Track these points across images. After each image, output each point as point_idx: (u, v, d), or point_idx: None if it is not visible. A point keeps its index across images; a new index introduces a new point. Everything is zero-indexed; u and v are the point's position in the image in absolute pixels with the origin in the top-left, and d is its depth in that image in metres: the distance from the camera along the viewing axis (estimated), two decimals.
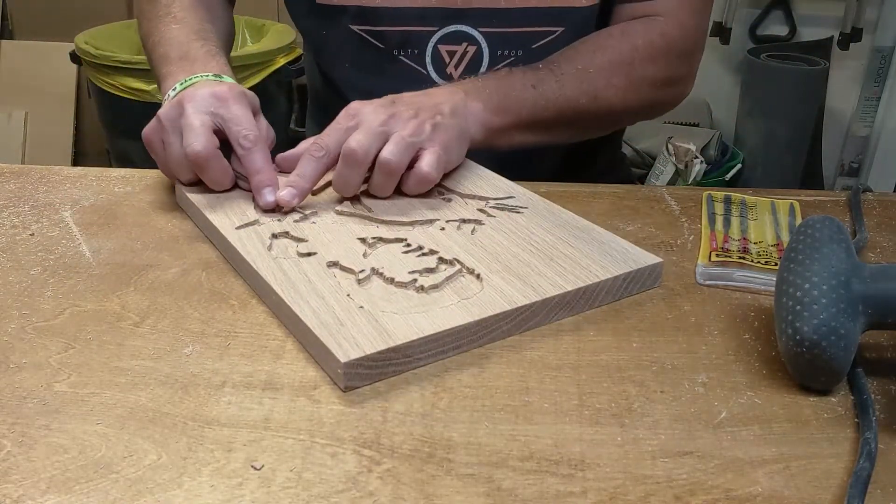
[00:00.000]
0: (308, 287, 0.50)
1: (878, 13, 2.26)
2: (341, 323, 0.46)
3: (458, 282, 0.51)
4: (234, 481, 0.37)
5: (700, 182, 2.14)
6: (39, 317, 0.50)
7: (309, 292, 0.49)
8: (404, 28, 0.78)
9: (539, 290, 0.50)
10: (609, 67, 0.75)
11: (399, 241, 0.56)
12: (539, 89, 0.73)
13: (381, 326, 0.46)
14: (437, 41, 0.78)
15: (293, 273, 0.51)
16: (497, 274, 0.52)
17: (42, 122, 2.41)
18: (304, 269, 0.52)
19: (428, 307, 0.48)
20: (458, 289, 0.50)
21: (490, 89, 0.71)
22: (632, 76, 0.76)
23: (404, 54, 0.79)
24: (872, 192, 0.73)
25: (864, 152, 2.42)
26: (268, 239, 0.56)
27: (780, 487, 0.38)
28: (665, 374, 0.46)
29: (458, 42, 0.78)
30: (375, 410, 0.42)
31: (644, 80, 0.77)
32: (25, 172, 0.72)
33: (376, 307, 0.48)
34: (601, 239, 0.57)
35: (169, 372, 0.45)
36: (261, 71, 1.92)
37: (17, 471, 0.38)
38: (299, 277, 0.51)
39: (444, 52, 0.79)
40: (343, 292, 0.49)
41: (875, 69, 2.32)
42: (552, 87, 0.73)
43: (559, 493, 0.37)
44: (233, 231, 0.57)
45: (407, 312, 0.47)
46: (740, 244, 0.61)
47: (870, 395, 0.44)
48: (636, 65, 0.76)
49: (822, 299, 0.43)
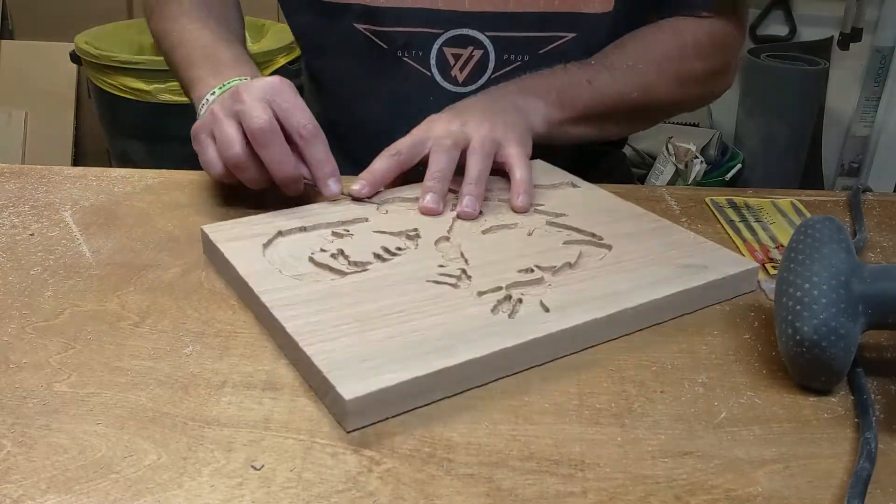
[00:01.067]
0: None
1: (878, 13, 2.26)
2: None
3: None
4: (234, 481, 0.37)
5: (700, 182, 2.14)
6: (39, 317, 0.50)
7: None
8: (409, 29, 0.78)
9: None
10: (659, 63, 0.77)
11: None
12: (594, 84, 0.74)
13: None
14: (443, 44, 0.78)
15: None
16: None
17: (42, 122, 2.41)
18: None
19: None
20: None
21: (547, 85, 0.73)
22: (681, 72, 0.79)
23: (408, 55, 0.79)
24: (872, 192, 0.73)
25: (864, 152, 2.42)
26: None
27: (780, 487, 0.38)
28: (665, 374, 0.46)
29: (464, 45, 0.78)
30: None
31: (691, 76, 0.80)
32: (25, 172, 0.72)
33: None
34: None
35: (169, 372, 0.45)
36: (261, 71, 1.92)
37: (17, 471, 0.38)
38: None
39: (450, 54, 0.79)
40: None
41: (875, 69, 2.32)
42: (606, 82, 0.75)
43: (559, 493, 0.37)
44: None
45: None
46: (780, 251, 0.61)
47: (870, 395, 0.44)
48: (685, 61, 0.79)
49: (822, 299, 0.43)
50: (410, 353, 0.43)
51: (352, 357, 0.43)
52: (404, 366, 0.42)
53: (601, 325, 0.48)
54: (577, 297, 0.50)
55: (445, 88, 0.79)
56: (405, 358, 0.43)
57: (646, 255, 0.55)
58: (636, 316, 0.50)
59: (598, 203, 0.64)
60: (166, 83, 1.85)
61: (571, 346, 0.48)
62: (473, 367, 0.44)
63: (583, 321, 0.47)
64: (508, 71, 0.79)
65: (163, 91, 1.86)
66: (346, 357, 0.43)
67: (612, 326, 0.49)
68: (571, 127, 0.75)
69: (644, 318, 0.50)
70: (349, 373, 0.42)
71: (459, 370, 0.43)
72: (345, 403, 0.40)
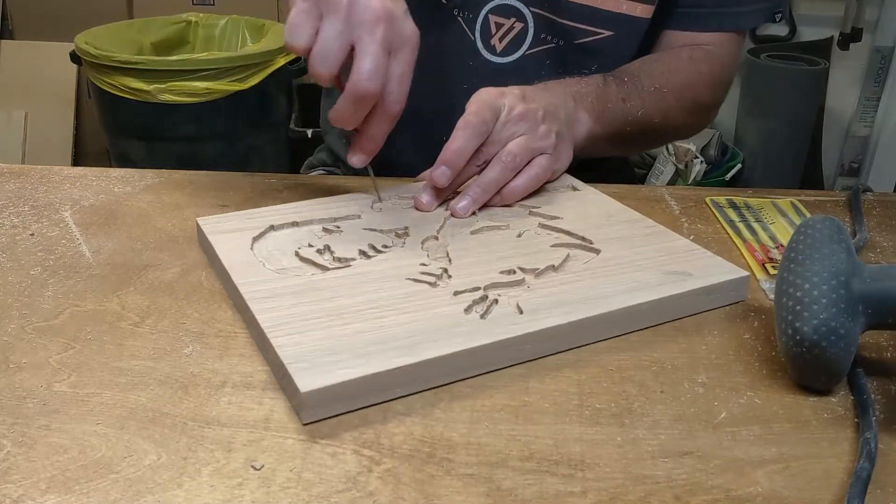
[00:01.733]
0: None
1: (878, 13, 2.26)
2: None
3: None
4: (234, 481, 0.37)
5: (700, 182, 2.14)
6: (39, 317, 0.50)
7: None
8: None
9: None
10: (679, 89, 0.79)
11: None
12: (628, 104, 0.76)
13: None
14: (490, 10, 0.79)
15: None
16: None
17: (42, 122, 2.41)
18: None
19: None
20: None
21: (592, 98, 0.74)
22: (695, 100, 0.81)
23: (461, 15, 0.80)
24: (872, 192, 0.73)
25: (864, 152, 2.42)
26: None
27: (780, 487, 0.38)
28: (665, 374, 0.46)
29: (508, 16, 0.79)
30: (375, 410, 0.42)
31: (700, 105, 0.83)
32: (25, 172, 0.72)
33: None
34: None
35: (169, 372, 0.45)
36: (261, 71, 1.92)
37: (17, 471, 0.38)
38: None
39: (493, 22, 0.80)
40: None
41: (875, 69, 2.32)
42: (637, 104, 0.76)
43: (559, 493, 0.37)
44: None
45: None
46: (780, 251, 0.61)
47: (870, 395, 0.44)
48: (699, 89, 0.81)
49: (822, 299, 0.43)
50: (374, 348, 0.44)
51: (317, 350, 0.43)
52: (366, 361, 0.43)
53: (576, 329, 0.48)
54: (552, 301, 0.49)
55: (483, 55, 0.81)
56: (368, 353, 0.43)
57: (633, 261, 0.55)
58: (613, 321, 0.49)
59: (595, 207, 0.64)
60: (166, 83, 1.85)
61: (541, 349, 0.47)
62: (435, 366, 0.44)
63: (553, 324, 0.47)
64: (542, 50, 0.80)
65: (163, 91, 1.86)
66: (311, 350, 0.43)
67: (584, 331, 0.48)
68: (604, 144, 0.76)
69: (619, 324, 0.50)
70: (310, 365, 0.42)
71: (420, 368, 0.43)
72: (300, 395, 0.40)
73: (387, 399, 0.43)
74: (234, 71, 1.87)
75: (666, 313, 0.51)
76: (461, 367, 0.45)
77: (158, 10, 2.29)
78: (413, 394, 0.44)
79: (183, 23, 2.24)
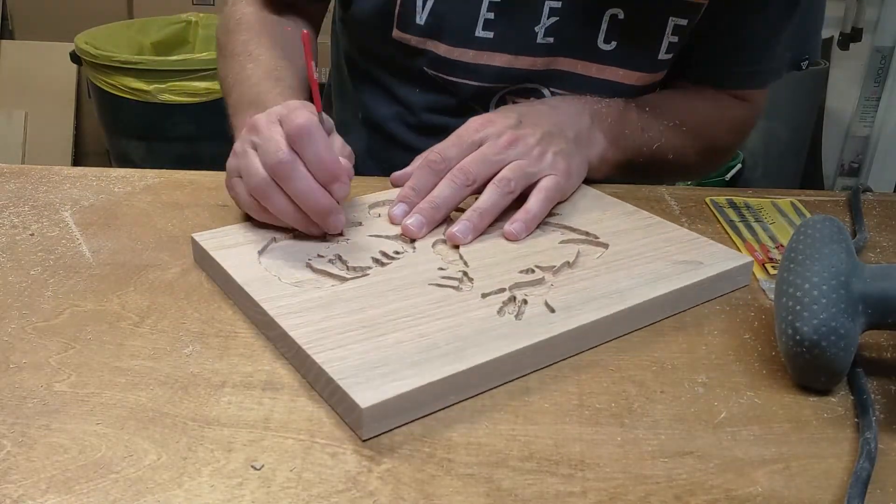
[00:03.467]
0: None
1: (878, 13, 2.26)
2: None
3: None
4: (234, 481, 0.37)
5: (700, 182, 2.13)
6: (39, 317, 0.50)
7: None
8: (481, 84, 0.76)
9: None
10: (697, 129, 0.78)
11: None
12: (646, 134, 0.75)
13: None
14: (508, 91, 0.77)
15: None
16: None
17: (42, 122, 2.41)
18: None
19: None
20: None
21: (612, 119, 0.72)
22: (710, 143, 0.80)
23: (472, 101, 0.78)
24: (872, 192, 0.73)
25: (864, 152, 2.42)
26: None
27: (780, 487, 0.38)
28: (665, 374, 0.46)
29: (527, 95, 0.77)
30: None
31: (716, 148, 0.82)
32: (25, 172, 0.72)
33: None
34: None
35: (169, 372, 0.45)
36: None
37: (17, 471, 0.38)
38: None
39: (510, 100, 0.78)
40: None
41: (875, 69, 2.32)
42: (655, 136, 0.75)
43: (559, 493, 0.37)
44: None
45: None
46: (780, 251, 0.61)
47: (870, 395, 0.44)
48: (719, 133, 0.81)
49: (822, 299, 0.43)
50: (421, 358, 0.43)
51: (363, 364, 0.43)
52: (417, 371, 0.42)
53: (608, 324, 0.48)
54: (580, 297, 0.50)
55: None
56: (417, 363, 0.43)
57: (642, 253, 0.55)
58: (640, 313, 0.50)
59: (587, 201, 0.64)
60: (166, 83, 1.85)
61: (579, 345, 0.48)
62: (485, 371, 0.44)
63: (590, 320, 0.47)
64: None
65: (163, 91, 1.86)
66: (358, 364, 0.43)
67: (617, 324, 0.49)
68: (614, 169, 0.74)
69: (647, 315, 0.51)
70: (362, 380, 0.41)
71: (471, 374, 0.43)
72: (361, 412, 0.39)
73: (439, 408, 0.43)
74: None
75: (684, 302, 0.53)
76: (507, 371, 0.45)
77: (158, 10, 2.29)
78: (462, 401, 0.43)
79: (183, 23, 2.24)
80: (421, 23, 0.74)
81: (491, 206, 0.59)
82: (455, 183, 0.59)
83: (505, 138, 0.62)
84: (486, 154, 0.61)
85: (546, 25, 0.73)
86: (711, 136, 0.80)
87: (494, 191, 0.59)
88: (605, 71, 0.75)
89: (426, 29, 0.74)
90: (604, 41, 0.74)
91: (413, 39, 0.75)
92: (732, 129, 0.82)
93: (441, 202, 0.59)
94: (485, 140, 0.62)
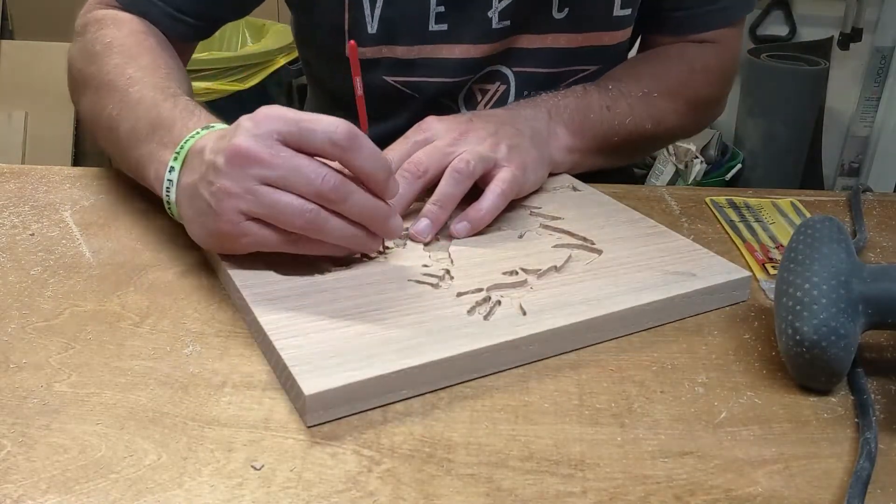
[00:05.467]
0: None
1: (878, 13, 2.26)
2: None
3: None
4: (234, 481, 0.37)
5: (700, 182, 2.14)
6: (39, 317, 0.50)
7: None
8: (444, 79, 0.76)
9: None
10: (671, 91, 0.77)
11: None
12: (612, 112, 0.73)
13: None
14: (473, 82, 0.77)
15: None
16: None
17: (42, 122, 2.41)
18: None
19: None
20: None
21: (570, 109, 0.71)
22: (690, 99, 0.79)
23: (439, 97, 0.78)
24: (872, 192, 0.73)
25: (864, 152, 2.42)
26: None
27: (780, 487, 0.38)
28: (665, 374, 0.46)
29: (492, 81, 0.77)
30: (375, 410, 0.42)
31: (699, 103, 0.80)
32: (25, 172, 0.72)
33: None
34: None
35: (169, 372, 0.45)
36: (261, 71, 1.92)
37: (17, 471, 0.38)
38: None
39: (477, 90, 0.78)
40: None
41: (875, 69, 2.32)
42: (624, 111, 0.74)
43: (559, 493, 0.37)
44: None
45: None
46: (780, 251, 0.61)
47: (870, 395, 0.44)
48: (694, 89, 0.79)
49: (822, 299, 0.43)
50: (377, 351, 0.43)
51: (320, 353, 0.43)
52: (368, 363, 0.42)
53: (579, 330, 0.48)
54: (555, 302, 0.49)
55: None
56: (371, 356, 0.43)
57: (635, 261, 0.55)
58: (617, 322, 0.49)
59: (595, 207, 0.64)
60: None
61: (544, 350, 0.47)
62: (439, 368, 0.44)
63: (557, 326, 0.47)
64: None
65: None
66: (314, 352, 0.43)
67: (588, 332, 0.48)
68: (590, 157, 0.73)
69: (624, 324, 0.50)
70: (313, 368, 0.42)
71: (424, 370, 0.43)
72: (305, 399, 0.40)
73: (390, 402, 0.43)
74: (234, 71, 1.87)
75: (669, 314, 0.51)
76: (465, 369, 0.45)
77: None
78: (416, 396, 0.44)
79: None
80: (373, 31, 0.73)
81: (450, 196, 0.57)
82: (405, 178, 0.58)
83: (456, 132, 0.61)
84: (438, 146, 0.60)
85: (499, 9, 0.73)
86: (690, 93, 0.79)
87: (449, 180, 0.57)
88: (561, 38, 0.75)
89: (379, 36, 0.73)
90: (557, 10, 0.74)
91: (368, 51, 0.74)
92: (710, 79, 0.80)
93: (395, 201, 0.54)
94: (433, 138, 0.61)
